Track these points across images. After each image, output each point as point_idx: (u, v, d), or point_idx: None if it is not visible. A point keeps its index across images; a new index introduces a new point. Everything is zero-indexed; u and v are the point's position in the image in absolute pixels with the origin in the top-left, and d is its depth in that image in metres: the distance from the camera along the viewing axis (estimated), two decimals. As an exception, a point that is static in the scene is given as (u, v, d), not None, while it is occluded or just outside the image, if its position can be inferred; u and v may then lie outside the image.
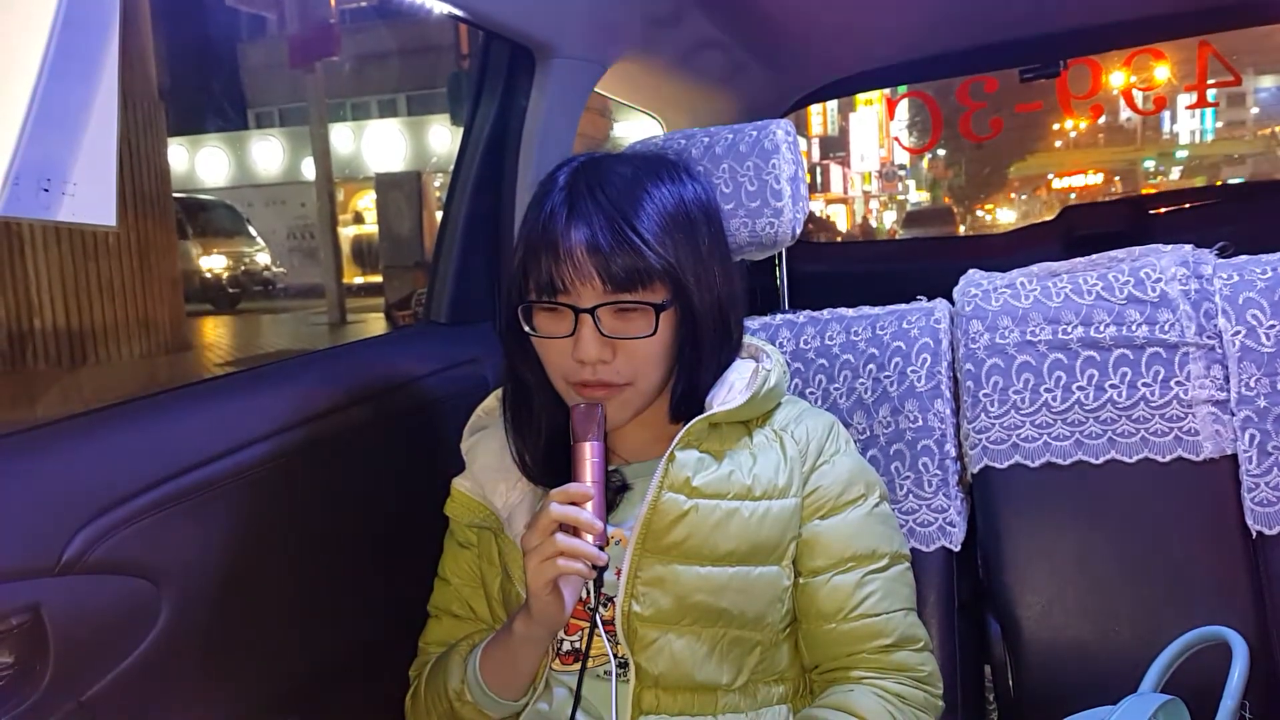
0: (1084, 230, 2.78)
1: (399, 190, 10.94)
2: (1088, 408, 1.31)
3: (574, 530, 0.99)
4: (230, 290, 12.87)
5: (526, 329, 1.07)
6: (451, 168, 1.73)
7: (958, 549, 1.33)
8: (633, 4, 1.79)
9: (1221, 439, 1.26)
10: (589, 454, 1.02)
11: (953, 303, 1.44)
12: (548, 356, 1.07)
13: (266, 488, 1.12)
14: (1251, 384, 1.26)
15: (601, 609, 1.07)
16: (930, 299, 1.46)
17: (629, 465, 1.15)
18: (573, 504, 0.99)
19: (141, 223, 6.97)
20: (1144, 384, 1.30)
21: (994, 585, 1.33)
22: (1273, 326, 1.27)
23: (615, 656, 1.07)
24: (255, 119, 21.25)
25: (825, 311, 1.50)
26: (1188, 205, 3.24)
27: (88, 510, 0.93)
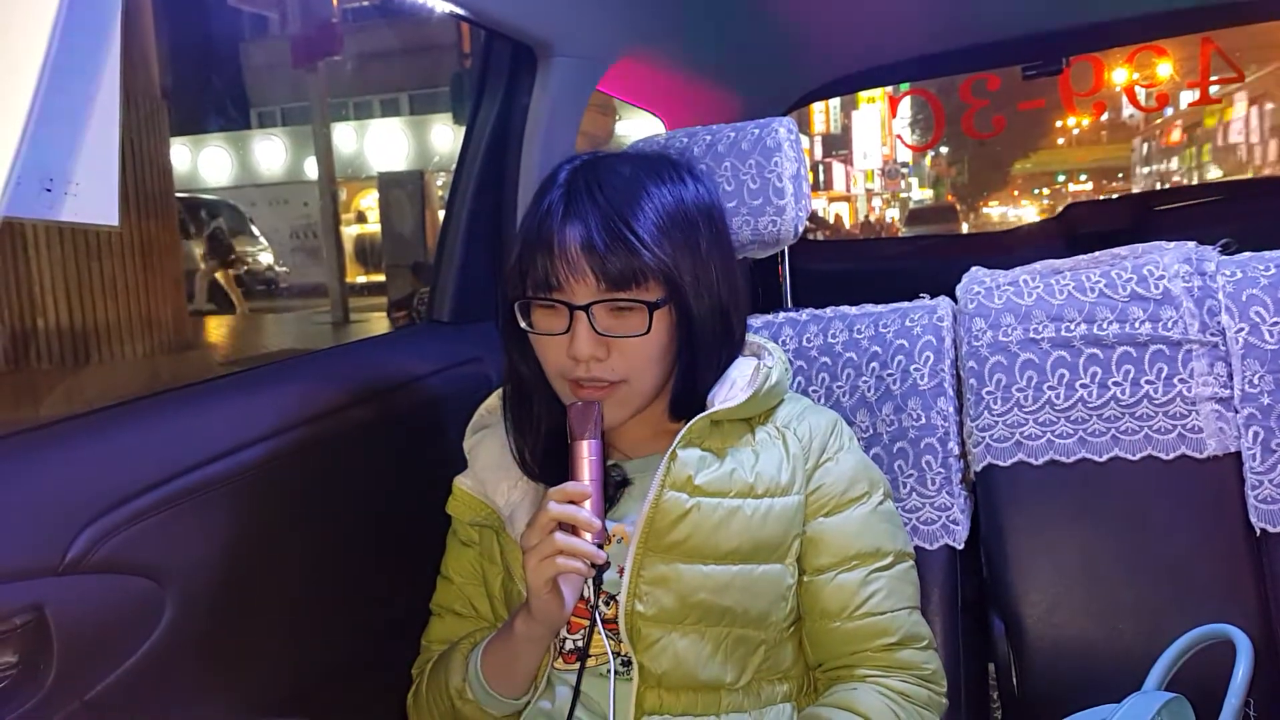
0: (1087, 228, 2.78)
1: (402, 189, 10.97)
2: (1091, 405, 1.31)
3: (573, 528, 0.99)
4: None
5: (523, 325, 1.07)
6: (454, 166, 1.73)
7: (961, 547, 1.33)
8: (634, 2, 1.79)
9: (1225, 436, 1.26)
10: (586, 452, 1.02)
11: (956, 300, 1.44)
12: (544, 353, 1.08)
13: (270, 487, 1.13)
14: (1255, 381, 1.26)
15: (603, 607, 1.07)
16: (933, 297, 1.46)
17: (629, 461, 1.15)
18: (571, 502, 0.99)
19: (144, 222, 6.97)
20: (1147, 381, 1.30)
21: (998, 583, 1.33)
22: (1276, 323, 1.27)
23: (616, 655, 1.07)
24: (258, 118, 21.27)
25: (828, 309, 1.50)
26: (1191, 202, 3.24)
27: (91, 510, 0.93)
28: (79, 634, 0.91)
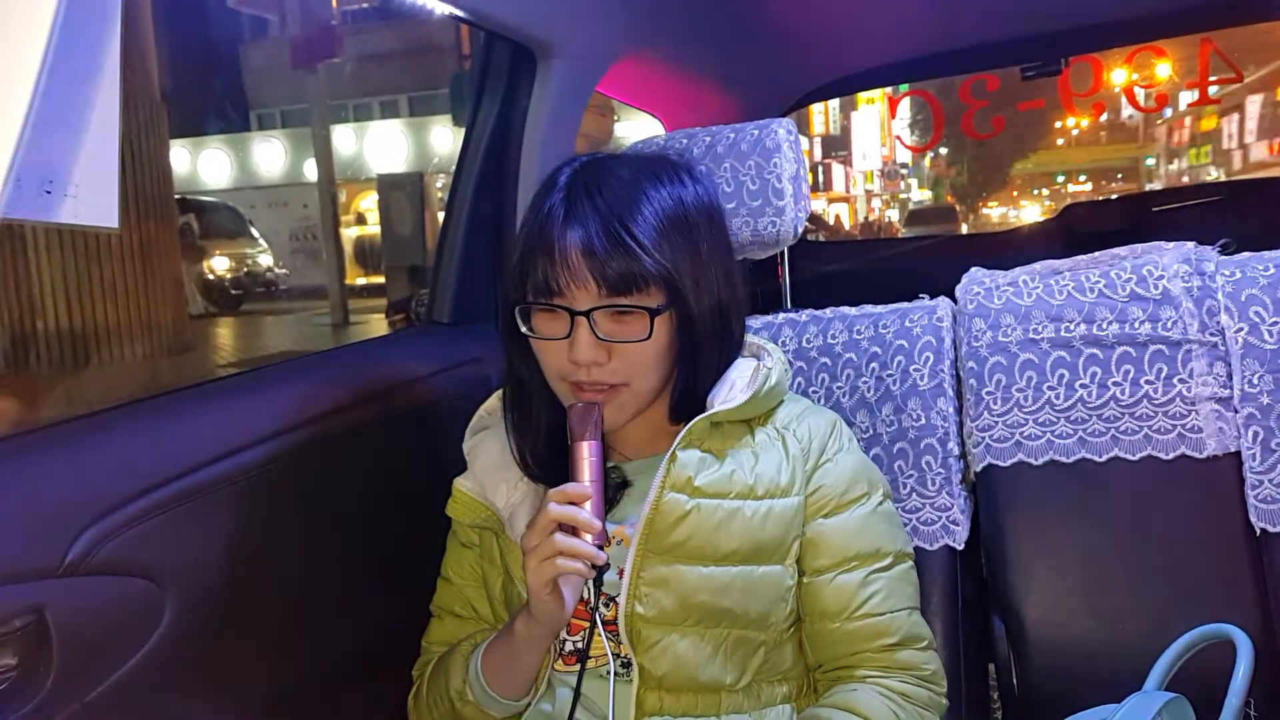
0: (1086, 228, 2.78)
1: (401, 191, 10.95)
2: (1091, 405, 1.31)
3: (573, 530, 0.99)
4: (233, 292, 12.89)
5: (524, 329, 1.07)
6: (453, 168, 1.73)
7: (961, 547, 1.33)
8: (633, 4, 1.79)
9: (1225, 436, 1.26)
10: (586, 453, 1.02)
11: (955, 301, 1.44)
12: (544, 357, 1.07)
13: (270, 488, 1.13)
14: (1254, 381, 1.26)
15: (603, 608, 1.07)
16: (933, 297, 1.46)
17: (629, 462, 1.15)
18: (571, 503, 0.99)
19: (144, 224, 6.97)
20: (1147, 381, 1.30)
21: (998, 583, 1.33)
22: (1275, 323, 1.27)
23: (616, 656, 1.07)
24: (257, 120, 21.27)
25: (828, 310, 1.50)
26: (1190, 202, 3.24)
27: (91, 511, 0.93)
28: (79, 636, 0.91)
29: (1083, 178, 41.48)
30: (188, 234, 11.86)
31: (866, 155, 29.85)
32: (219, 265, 12.89)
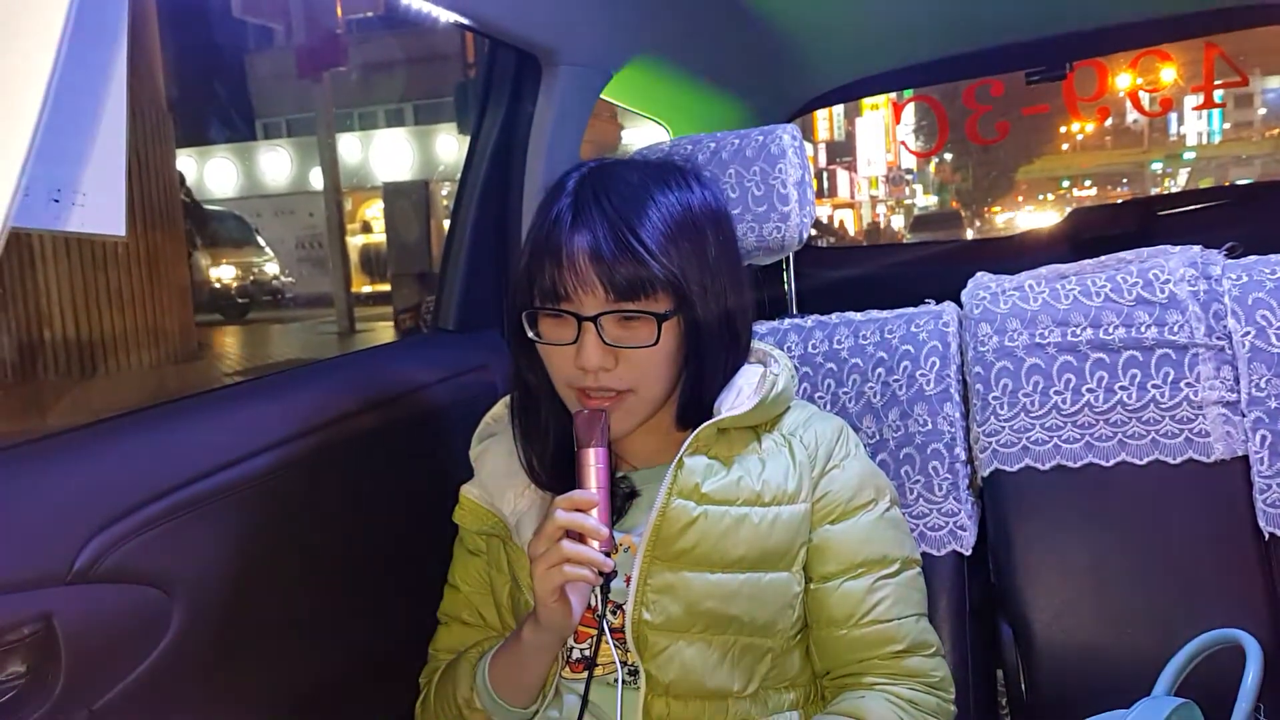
0: (1091, 233, 2.77)
1: (407, 199, 10.99)
2: (1098, 410, 1.31)
3: (580, 536, 0.99)
4: (239, 300, 12.92)
5: (531, 335, 1.07)
6: (459, 176, 1.74)
7: (969, 553, 1.32)
8: (638, 10, 1.79)
9: (1232, 440, 1.26)
10: (593, 460, 1.02)
11: (961, 306, 1.44)
12: (551, 362, 1.07)
13: (277, 495, 1.13)
14: (1262, 385, 1.26)
15: (610, 616, 1.07)
16: (939, 302, 1.46)
17: (637, 471, 1.15)
18: (578, 510, 0.99)
19: (150, 233, 6.99)
20: (1154, 385, 1.29)
21: (1005, 589, 1.32)
22: None
23: (624, 664, 1.07)
24: (263, 129, 21.33)
25: (833, 316, 1.50)
26: (1196, 206, 3.23)
27: (99, 519, 0.93)
28: (87, 643, 0.91)
29: (1088, 182, 41.42)
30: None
31: (871, 161, 29.86)
32: (225, 274, 12.92)
